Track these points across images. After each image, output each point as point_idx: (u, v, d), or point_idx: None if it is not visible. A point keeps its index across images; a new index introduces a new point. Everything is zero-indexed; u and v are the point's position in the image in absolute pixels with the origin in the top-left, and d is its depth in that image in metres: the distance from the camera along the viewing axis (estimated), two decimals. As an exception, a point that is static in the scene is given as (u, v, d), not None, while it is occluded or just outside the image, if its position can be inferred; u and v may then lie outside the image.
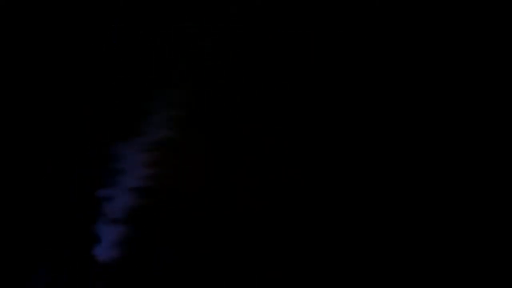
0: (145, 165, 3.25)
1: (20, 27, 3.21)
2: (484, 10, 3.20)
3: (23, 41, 3.23)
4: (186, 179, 3.22)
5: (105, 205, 3.02)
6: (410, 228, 2.91)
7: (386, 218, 2.96)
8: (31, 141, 3.21)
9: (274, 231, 2.91)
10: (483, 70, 3.24)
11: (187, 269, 2.78)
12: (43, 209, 3.01)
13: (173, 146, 3.37)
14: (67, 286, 2.75)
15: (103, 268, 2.79)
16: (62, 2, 3.25)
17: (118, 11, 3.26)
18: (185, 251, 2.83)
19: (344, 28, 3.28)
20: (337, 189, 3.10)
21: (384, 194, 3.05)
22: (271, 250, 2.85)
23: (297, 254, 2.85)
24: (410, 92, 3.30)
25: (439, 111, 3.25)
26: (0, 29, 3.20)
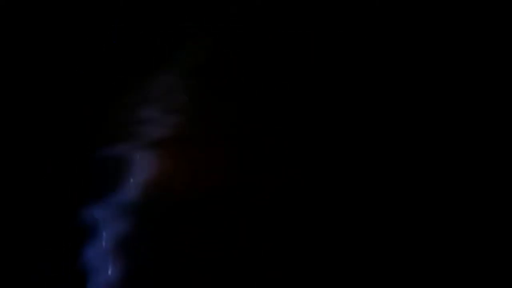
0: (145, 164, 3.25)
1: (20, 27, 3.21)
2: (484, 10, 3.20)
3: (23, 41, 3.22)
4: (182, 182, 3.22)
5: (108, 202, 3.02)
6: (410, 227, 2.91)
7: (386, 217, 2.95)
8: (31, 141, 3.20)
9: (274, 230, 2.91)
10: (483, 70, 3.24)
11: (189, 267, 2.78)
12: (43, 209, 3.00)
13: (169, 149, 3.37)
14: (67, 286, 2.74)
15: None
16: (62, 2, 3.25)
17: (118, 11, 3.26)
18: (186, 250, 2.83)
19: (344, 28, 3.28)
20: (337, 189, 3.10)
21: (384, 194, 3.05)
22: (271, 249, 2.85)
23: (297, 253, 2.84)
24: (410, 92, 3.30)
25: (439, 111, 3.25)
26: (0, 29, 3.19)
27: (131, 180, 3.18)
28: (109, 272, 2.74)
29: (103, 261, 2.77)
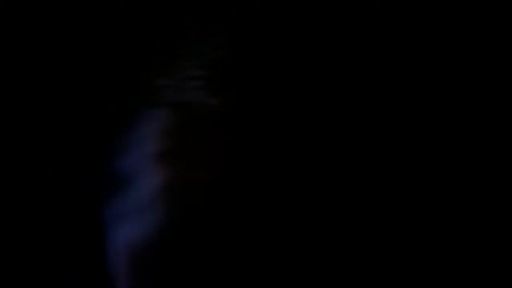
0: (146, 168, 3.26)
1: (20, 27, 3.23)
2: (484, 10, 3.21)
3: (23, 41, 3.24)
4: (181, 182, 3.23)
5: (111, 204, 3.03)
6: (410, 227, 2.92)
7: (386, 217, 2.96)
8: (31, 141, 3.21)
9: (274, 230, 2.92)
10: (483, 70, 3.25)
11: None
12: (43, 209, 3.02)
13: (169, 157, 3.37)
14: (67, 285, 2.75)
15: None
16: (62, 2, 3.27)
17: (118, 11, 3.28)
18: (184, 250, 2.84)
19: (344, 28, 3.29)
20: (337, 188, 3.11)
21: (385, 193, 3.06)
22: (271, 249, 2.86)
23: (297, 253, 2.85)
24: (410, 92, 3.31)
25: (440, 111, 3.26)
26: (0, 29, 3.21)
27: (131, 180, 3.19)
28: (109, 271, 2.75)
29: (103, 260, 2.78)
